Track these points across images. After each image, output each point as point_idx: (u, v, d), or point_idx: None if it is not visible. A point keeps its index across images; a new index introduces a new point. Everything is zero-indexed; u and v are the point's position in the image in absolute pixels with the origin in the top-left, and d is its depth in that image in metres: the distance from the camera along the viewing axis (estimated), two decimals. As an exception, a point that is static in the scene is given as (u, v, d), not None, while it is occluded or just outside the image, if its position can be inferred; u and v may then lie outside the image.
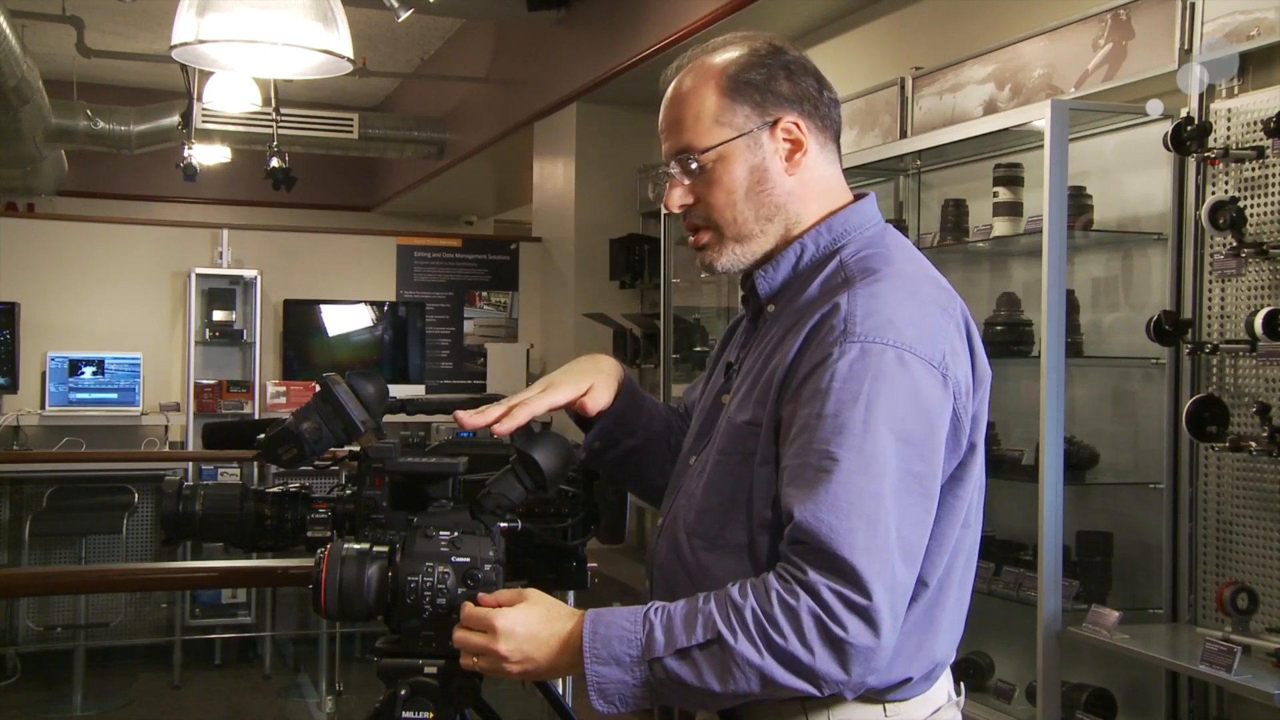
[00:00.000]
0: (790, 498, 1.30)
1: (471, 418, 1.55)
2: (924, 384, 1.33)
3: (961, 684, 1.52)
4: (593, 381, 1.62)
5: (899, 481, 1.30)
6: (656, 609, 1.31)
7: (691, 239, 1.52)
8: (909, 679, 1.39)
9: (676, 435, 1.72)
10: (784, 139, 1.47)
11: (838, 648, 1.24)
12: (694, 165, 1.46)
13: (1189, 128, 2.98)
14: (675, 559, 1.47)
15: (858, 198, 1.54)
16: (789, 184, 1.47)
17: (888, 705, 1.39)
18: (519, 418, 1.54)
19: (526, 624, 1.33)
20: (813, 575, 1.25)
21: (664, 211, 5.57)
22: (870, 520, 1.27)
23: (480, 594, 1.37)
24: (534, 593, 1.37)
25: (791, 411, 1.34)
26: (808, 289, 1.44)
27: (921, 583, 1.36)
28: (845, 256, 1.45)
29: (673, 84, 1.51)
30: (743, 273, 1.57)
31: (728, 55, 1.49)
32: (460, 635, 1.34)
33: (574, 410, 1.65)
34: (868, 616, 1.24)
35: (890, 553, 1.27)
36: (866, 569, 1.25)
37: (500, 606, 1.35)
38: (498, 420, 1.54)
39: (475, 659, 1.34)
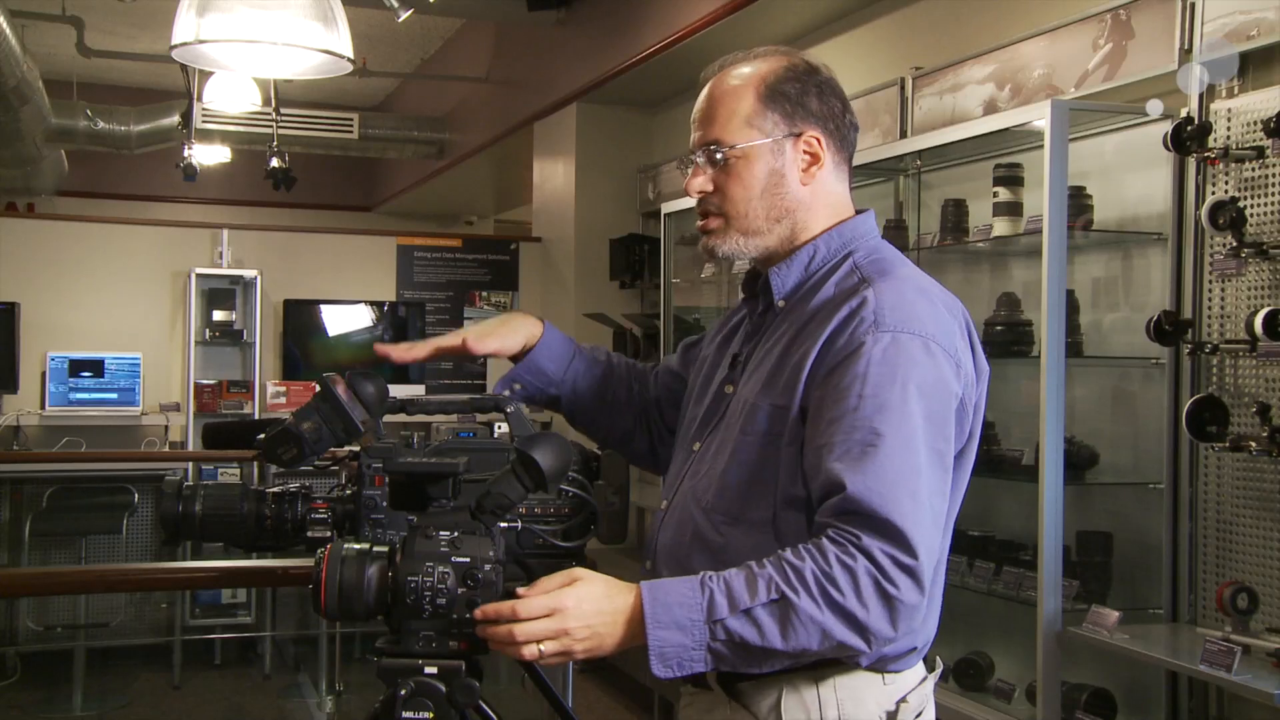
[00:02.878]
0: (839, 471, 1.40)
1: (386, 349, 1.75)
2: (944, 371, 1.48)
3: (936, 655, 1.63)
4: (492, 331, 1.81)
5: (928, 457, 1.43)
6: (710, 576, 1.38)
7: (700, 223, 1.65)
8: (914, 649, 1.53)
9: (619, 391, 1.86)
10: (804, 151, 1.60)
11: (889, 604, 1.36)
12: (719, 157, 1.59)
13: (1189, 128, 2.98)
14: (691, 537, 1.56)
15: (858, 213, 1.68)
16: (801, 193, 1.61)
17: (886, 675, 1.50)
18: (419, 352, 1.77)
19: (592, 599, 1.37)
20: (866, 540, 1.36)
21: (664, 211, 5.58)
22: (912, 491, 1.39)
23: (523, 588, 1.38)
24: (585, 571, 1.41)
25: (822, 396, 1.46)
26: (822, 288, 1.57)
27: None
28: (858, 259, 1.59)
29: (713, 80, 1.64)
30: (746, 272, 1.71)
31: (769, 65, 1.61)
32: (524, 628, 1.35)
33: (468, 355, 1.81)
34: (914, 575, 1.37)
35: (927, 520, 1.40)
36: (913, 533, 1.37)
37: (550, 590, 1.37)
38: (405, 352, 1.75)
39: (540, 647, 1.35)
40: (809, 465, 1.46)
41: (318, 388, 1.55)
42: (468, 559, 1.39)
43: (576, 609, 1.35)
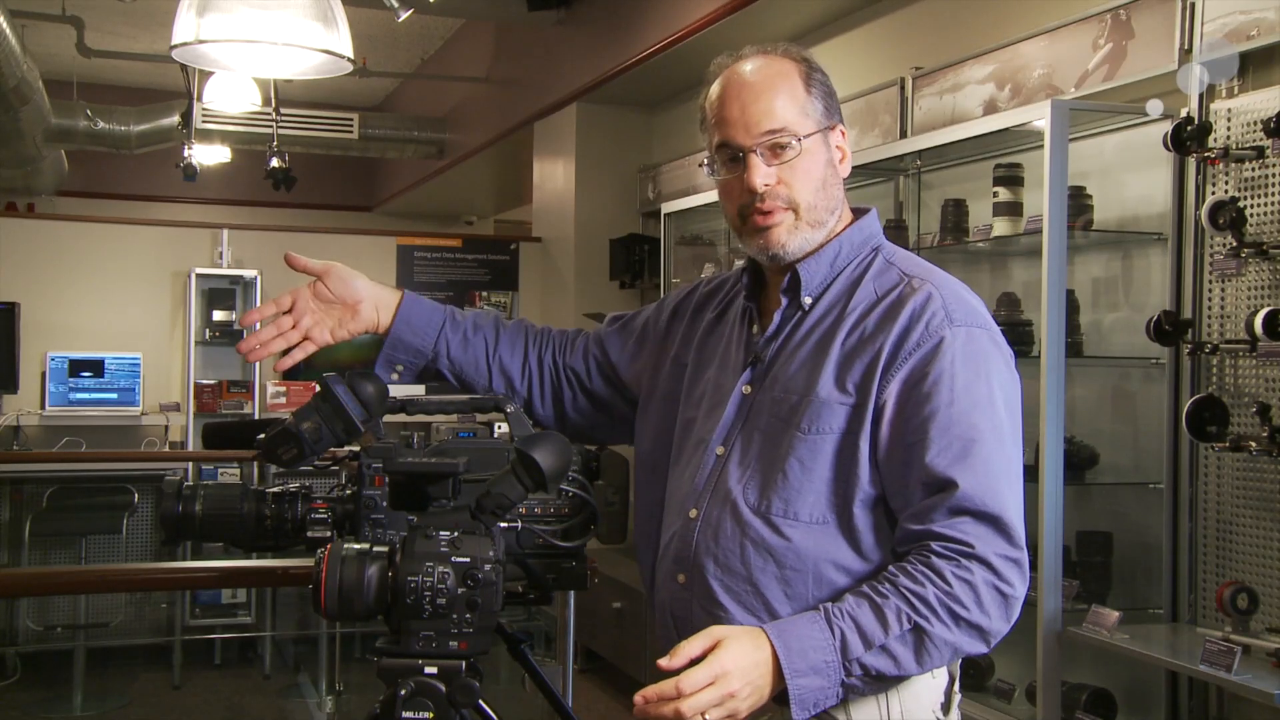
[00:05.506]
0: (942, 468, 1.42)
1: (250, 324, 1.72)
2: (1010, 362, 1.54)
3: None
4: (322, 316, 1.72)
5: (1014, 447, 1.48)
6: (834, 612, 1.40)
7: (762, 218, 1.55)
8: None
9: (510, 360, 1.81)
10: (837, 144, 1.59)
11: (1007, 603, 1.42)
12: (791, 147, 1.52)
13: (1189, 128, 2.98)
14: (743, 543, 1.51)
15: (856, 211, 1.66)
16: (841, 184, 1.61)
17: (935, 670, 1.49)
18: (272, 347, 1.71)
19: (745, 654, 1.36)
20: (979, 546, 1.40)
21: (664, 211, 5.57)
22: (1010, 481, 1.45)
23: (665, 660, 1.35)
24: (723, 628, 1.40)
25: (907, 392, 1.46)
26: (860, 285, 1.56)
27: None
28: (887, 256, 1.60)
29: (744, 71, 1.55)
30: (746, 270, 1.65)
31: (793, 59, 1.57)
32: (691, 703, 1.32)
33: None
34: (1021, 566, 1.43)
35: (1021, 508, 1.46)
36: (1016, 525, 1.43)
37: (696, 659, 1.34)
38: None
39: (706, 717, 1.33)
40: (896, 461, 1.46)
41: (318, 388, 1.55)
42: (468, 559, 1.39)
43: (737, 669, 1.34)
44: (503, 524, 1.44)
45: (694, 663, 1.35)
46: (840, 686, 1.38)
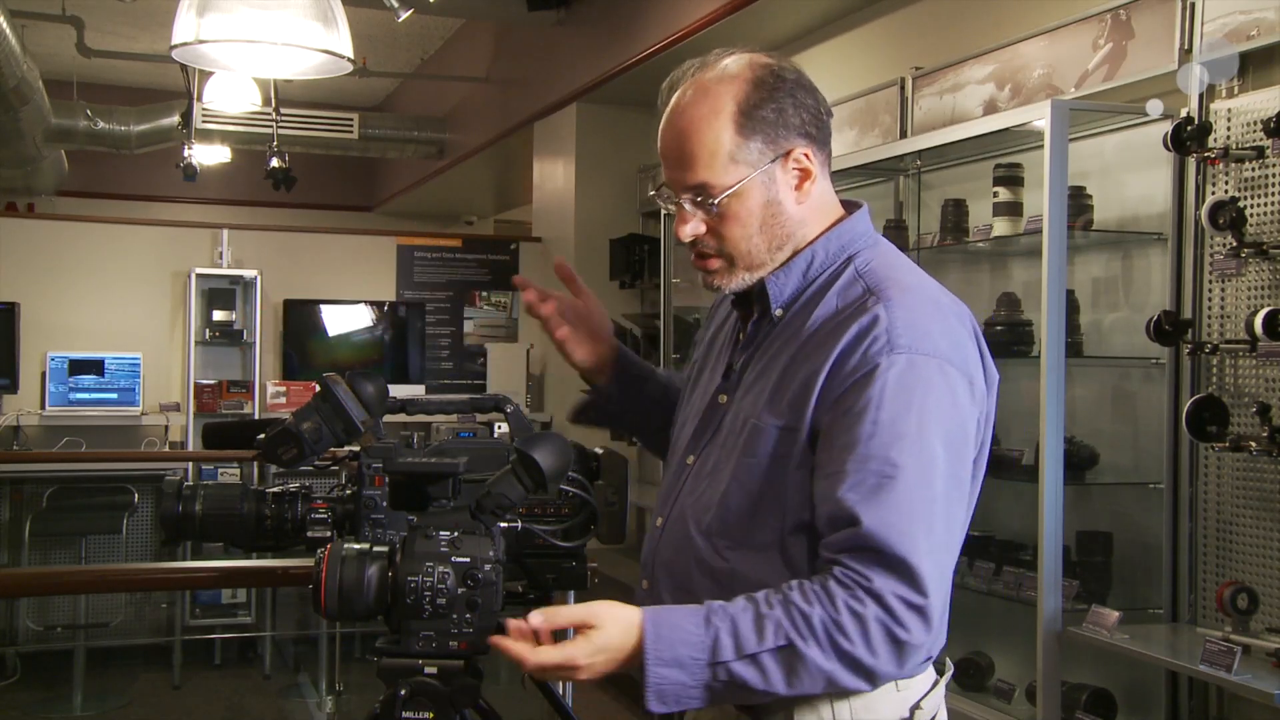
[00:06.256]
0: (851, 503, 1.35)
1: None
2: (960, 393, 1.42)
3: (946, 658, 1.56)
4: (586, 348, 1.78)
5: (945, 486, 1.38)
6: (717, 611, 1.34)
7: (699, 263, 1.53)
8: (928, 658, 1.47)
9: (656, 410, 1.81)
10: (794, 169, 1.49)
11: (899, 647, 1.33)
12: (712, 204, 1.47)
13: (1189, 128, 2.98)
14: (690, 561, 1.50)
15: (847, 205, 1.57)
16: (799, 212, 1.51)
17: (899, 682, 1.44)
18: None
19: (605, 652, 1.34)
20: (878, 582, 1.32)
21: (664, 211, 5.57)
22: (928, 524, 1.35)
23: (537, 617, 1.34)
24: (603, 614, 1.34)
25: (833, 420, 1.39)
26: (823, 298, 1.48)
27: None
28: (859, 266, 1.49)
29: (675, 107, 1.50)
30: None
31: (736, 85, 1.46)
32: (534, 664, 1.33)
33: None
34: (924, 614, 1.33)
35: (941, 553, 1.37)
36: (926, 570, 1.33)
37: (563, 642, 1.34)
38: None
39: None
40: (817, 491, 1.40)
41: (318, 388, 1.55)
42: (468, 559, 1.39)
43: (588, 665, 1.33)
44: (503, 524, 1.44)
45: (559, 635, 1.34)
46: (704, 689, 1.33)
